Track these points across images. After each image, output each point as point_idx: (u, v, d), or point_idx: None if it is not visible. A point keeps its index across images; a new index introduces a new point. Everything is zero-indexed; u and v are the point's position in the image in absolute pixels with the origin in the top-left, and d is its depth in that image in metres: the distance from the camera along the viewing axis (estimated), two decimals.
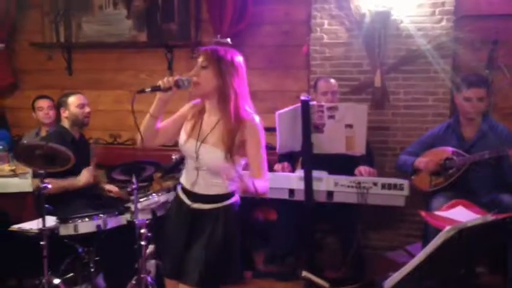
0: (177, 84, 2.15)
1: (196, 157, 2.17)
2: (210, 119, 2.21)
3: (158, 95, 2.20)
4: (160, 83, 2.16)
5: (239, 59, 2.19)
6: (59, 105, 3.50)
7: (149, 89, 2.17)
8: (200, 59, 2.16)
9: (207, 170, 2.18)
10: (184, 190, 2.27)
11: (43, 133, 4.21)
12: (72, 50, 4.77)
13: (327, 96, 3.57)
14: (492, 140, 3.19)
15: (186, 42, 4.38)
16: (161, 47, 4.50)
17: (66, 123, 3.47)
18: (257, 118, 2.20)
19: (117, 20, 4.52)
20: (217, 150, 2.14)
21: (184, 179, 2.28)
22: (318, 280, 3.16)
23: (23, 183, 3.66)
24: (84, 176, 3.28)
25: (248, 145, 2.16)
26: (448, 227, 1.77)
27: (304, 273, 3.18)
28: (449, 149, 3.29)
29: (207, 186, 2.20)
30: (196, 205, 2.21)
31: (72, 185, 3.28)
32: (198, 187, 2.21)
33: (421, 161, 3.37)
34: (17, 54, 4.90)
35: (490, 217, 1.87)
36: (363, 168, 3.35)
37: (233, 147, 2.12)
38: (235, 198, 2.25)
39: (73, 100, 3.45)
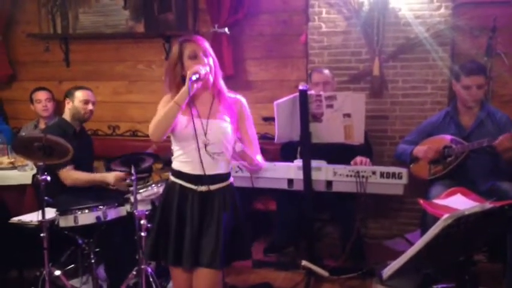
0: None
1: (205, 134, 2.22)
2: (203, 99, 2.30)
3: (187, 84, 2.18)
4: (203, 71, 2.19)
5: None
6: (66, 95, 3.51)
7: (197, 76, 2.17)
8: (196, 48, 2.25)
9: (214, 146, 2.23)
10: (186, 177, 2.26)
11: (42, 125, 4.22)
12: (69, 41, 4.74)
13: (319, 87, 3.57)
14: (490, 128, 3.19)
15: (184, 32, 4.35)
16: (159, 38, 4.48)
17: (67, 115, 3.47)
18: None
19: (113, 11, 4.49)
20: (224, 123, 2.25)
21: (185, 165, 2.27)
22: (317, 269, 3.18)
23: (22, 175, 3.67)
24: (113, 177, 3.27)
25: (246, 123, 2.36)
26: (446, 215, 1.77)
27: (304, 263, 3.19)
28: (448, 137, 3.29)
29: (213, 164, 2.25)
30: (203, 187, 2.24)
31: (102, 179, 3.32)
32: (206, 167, 2.23)
33: (419, 150, 3.36)
34: (14, 46, 4.88)
35: (488, 205, 1.87)
36: (359, 159, 3.35)
37: (234, 120, 2.30)
38: (232, 178, 2.37)
39: (79, 94, 3.46)
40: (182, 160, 2.29)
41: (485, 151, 3.16)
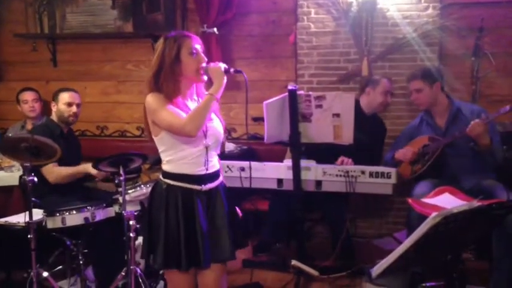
0: None
1: (205, 135, 2.21)
2: (194, 100, 2.31)
3: (224, 78, 2.22)
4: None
5: None
6: (52, 97, 3.46)
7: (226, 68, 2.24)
8: (196, 45, 2.24)
9: (214, 144, 2.26)
10: (190, 178, 2.22)
11: (29, 126, 4.18)
12: (56, 41, 4.70)
13: (387, 96, 3.61)
14: (464, 120, 3.21)
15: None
16: (147, 37, 4.46)
17: (54, 117, 3.44)
18: None
19: (101, 11, 4.46)
20: (217, 121, 2.30)
21: (188, 166, 2.21)
22: (307, 269, 3.18)
23: (9, 176, 3.63)
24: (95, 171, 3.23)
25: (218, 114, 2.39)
26: (434, 214, 1.78)
27: (294, 262, 3.19)
28: (427, 136, 3.33)
29: (213, 162, 2.28)
30: (207, 186, 2.24)
31: (84, 170, 3.24)
32: (210, 166, 2.25)
33: (399, 152, 3.41)
34: (1, 46, 4.83)
35: (475, 203, 1.89)
36: (340, 159, 3.36)
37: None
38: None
39: (63, 96, 3.41)
40: (185, 162, 2.21)
41: (465, 147, 3.18)
